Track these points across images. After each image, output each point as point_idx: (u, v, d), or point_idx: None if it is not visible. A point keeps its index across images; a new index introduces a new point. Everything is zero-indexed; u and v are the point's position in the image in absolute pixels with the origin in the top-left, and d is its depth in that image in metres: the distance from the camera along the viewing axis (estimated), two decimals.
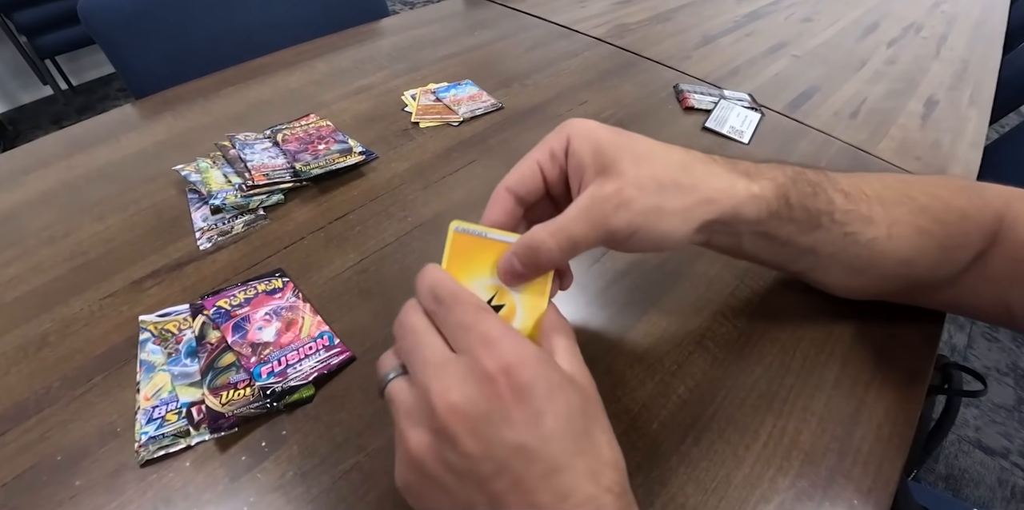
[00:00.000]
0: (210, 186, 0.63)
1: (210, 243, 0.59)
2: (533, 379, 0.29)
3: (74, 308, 0.54)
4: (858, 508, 0.41)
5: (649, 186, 0.36)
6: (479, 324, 0.30)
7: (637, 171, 0.36)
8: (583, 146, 0.37)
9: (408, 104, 0.83)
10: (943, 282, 0.47)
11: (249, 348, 0.46)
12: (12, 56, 2.45)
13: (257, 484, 0.41)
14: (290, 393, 0.44)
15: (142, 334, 0.50)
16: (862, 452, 0.44)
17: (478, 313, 0.31)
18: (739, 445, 0.44)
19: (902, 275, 0.46)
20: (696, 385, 0.48)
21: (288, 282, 0.54)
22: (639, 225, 0.36)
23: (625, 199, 0.35)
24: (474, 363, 0.29)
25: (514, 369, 0.28)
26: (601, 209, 0.35)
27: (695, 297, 0.56)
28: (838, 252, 0.44)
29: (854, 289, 0.49)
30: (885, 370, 0.50)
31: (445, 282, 0.33)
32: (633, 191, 0.35)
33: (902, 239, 0.43)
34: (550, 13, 1.15)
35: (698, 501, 0.41)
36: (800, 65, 1.04)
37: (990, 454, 1.49)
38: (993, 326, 1.82)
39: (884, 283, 0.47)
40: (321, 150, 0.68)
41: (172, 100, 0.85)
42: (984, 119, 0.93)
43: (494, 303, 0.36)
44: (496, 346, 0.29)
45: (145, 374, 0.47)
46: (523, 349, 0.30)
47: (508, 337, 0.30)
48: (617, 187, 0.35)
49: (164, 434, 0.43)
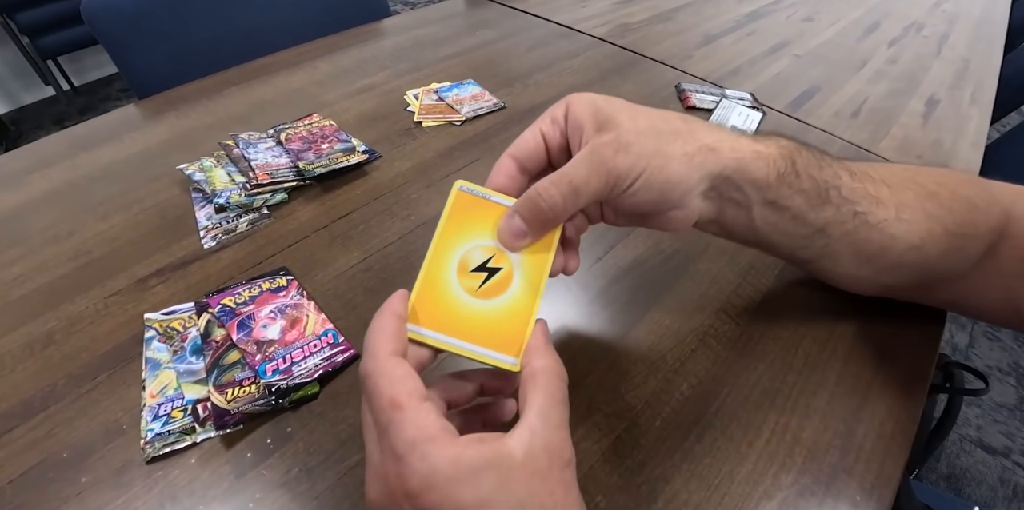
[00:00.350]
0: (214, 185, 0.63)
1: (214, 242, 0.59)
2: (440, 503, 0.26)
3: (79, 306, 0.54)
4: (861, 505, 0.41)
5: (647, 133, 0.36)
6: (387, 432, 0.28)
7: (635, 122, 0.36)
8: (581, 107, 0.37)
9: (411, 103, 0.83)
10: (952, 276, 0.46)
11: (254, 345, 0.46)
12: (14, 56, 2.45)
13: (262, 481, 0.41)
14: (295, 390, 0.44)
15: (147, 332, 0.50)
16: (865, 449, 0.44)
17: (391, 413, 0.28)
18: (742, 442, 0.44)
19: (912, 263, 0.44)
20: (699, 382, 0.48)
21: (292, 280, 0.54)
22: (641, 169, 0.35)
23: (623, 143, 0.35)
24: (385, 476, 0.28)
25: (416, 495, 0.26)
26: (600, 154, 0.35)
27: (698, 295, 0.56)
28: (849, 233, 0.42)
29: (863, 279, 0.48)
30: (887, 368, 0.50)
31: (369, 374, 0.29)
32: (631, 136, 0.35)
33: (911, 223, 0.42)
34: (551, 13, 1.15)
35: (701, 497, 0.41)
36: (801, 65, 1.04)
37: (991, 453, 1.49)
38: (994, 326, 1.82)
39: (894, 273, 0.46)
40: (324, 149, 0.69)
41: (175, 100, 0.85)
42: (985, 118, 0.93)
43: (490, 265, 0.35)
44: (402, 464, 0.27)
45: (150, 371, 0.47)
46: (430, 466, 0.26)
47: (414, 453, 0.26)
48: (615, 134, 0.35)
49: (170, 431, 0.43)
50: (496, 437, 0.28)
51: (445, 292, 0.35)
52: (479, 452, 0.27)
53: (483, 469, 0.26)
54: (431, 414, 0.28)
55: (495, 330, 0.34)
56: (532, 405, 0.29)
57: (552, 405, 0.30)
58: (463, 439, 0.27)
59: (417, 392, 0.28)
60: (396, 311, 0.32)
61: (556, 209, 0.34)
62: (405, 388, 0.28)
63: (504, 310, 0.35)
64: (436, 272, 0.35)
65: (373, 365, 0.29)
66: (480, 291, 0.35)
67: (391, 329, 0.31)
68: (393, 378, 0.29)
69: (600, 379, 0.48)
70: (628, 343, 0.51)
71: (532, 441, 0.27)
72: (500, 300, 0.35)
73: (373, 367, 0.29)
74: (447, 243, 0.35)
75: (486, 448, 0.27)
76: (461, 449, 0.26)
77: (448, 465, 0.26)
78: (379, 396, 0.28)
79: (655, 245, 0.60)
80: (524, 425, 0.28)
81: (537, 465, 0.27)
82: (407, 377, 0.29)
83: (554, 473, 0.28)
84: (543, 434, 0.28)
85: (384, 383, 0.28)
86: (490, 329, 0.34)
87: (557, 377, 0.32)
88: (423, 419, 0.27)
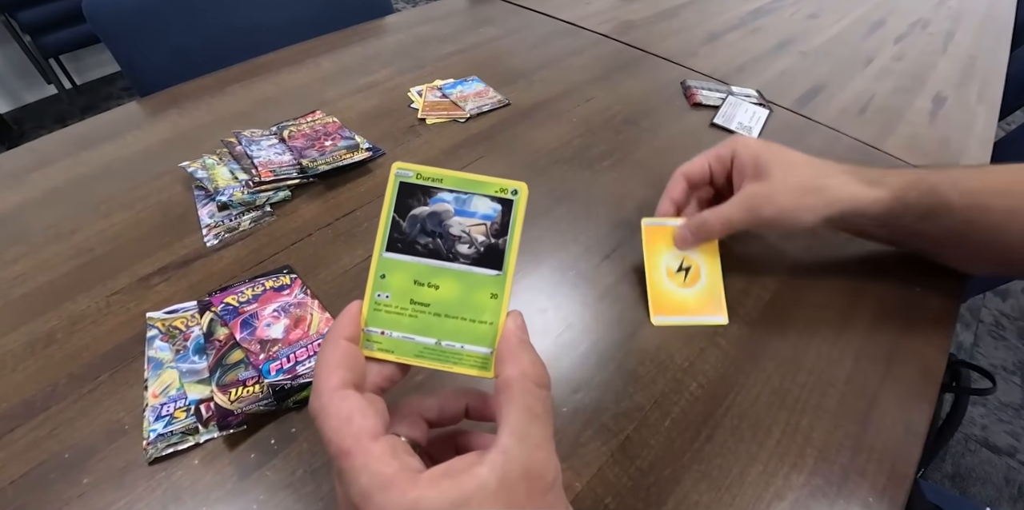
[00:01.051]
0: (217, 183, 0.62)
1: (217, 240, 0.59)
2: None
3: (81, 305, 0.53)
4: (873, 506, 0.41)
5: (793, 189, 0.51)
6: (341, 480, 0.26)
7: (784, 177, 0.51)
8: (746, 154, 0.53)
9: (414, 101, 0.83)
10: None
11: (258, 345, 0.46)
12: (16, 55, 2.45)
13: (267, 482, 0.41)
14: (299, 390, 0.44)
15: (149, 331, 0.49)
16: (876, 450, 0.44)
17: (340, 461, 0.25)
18: (752, 442, 0.44)
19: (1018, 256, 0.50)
20: (708, 382, 0.48)
21: (296, 279, 0.53)
22: (780, 217, 0.51)
23: (772, 197, 0.51)
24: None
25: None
26: (754, 203, 0.51)
27: None
28: (953, 238, 0.52)
29: (974, 266, 0.57)
30: (897, 368, 0.50)
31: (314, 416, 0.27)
32: (780, 192, 0.51)
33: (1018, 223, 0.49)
34: (554, 10, 1.15)
35: (712, 498, 0.40)
36: (807, 62, 1.03)
37: (997, 453, 1.48)
38: (1000, 325, 1.82)
39: (1008, 257, 0.51)
40: (328, 147, 0.68)
41: (177, 97, 0.85)
42: (993, 115, 0.92)
43: (684, 265, 0.55)
44: (365, 507, 0.24)
45: (153, 371, 0.46)
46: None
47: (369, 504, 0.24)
48: (768, 189, 0.51)
49: (173, 431, 0.42)
50: (466, 467, 0.25)
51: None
52: (443, 493, 0.24)
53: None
54: (384, 455, 0.25)
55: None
56: (506, 422, 0.26)
57: (529, 420, 0.26)
58: (426, 477, 0.25)
59: (367, 431, 0.25)
60: (343, 332, 0.29)
61: (713, 230, 0.53)
62: (351, 430, 0.25)
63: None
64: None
65: (317, 406, 0.27)
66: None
67: (336, 358, 0.28)
68: (339, 419, 0.26)
69: (608, 379, 0.48)
70: (636, 342, 0.51)
71: (507, 467, 0.25)
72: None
73: (317, 408, 0.27)
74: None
75: (452, 485, 0.24)
76: (422, 492, 0.24)
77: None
78: (327, 442, 0.26)
79: None
80: (497, 448, 0.25)
81: (514, 495, 0.24)
82: (354, 415, 0.26)
83: (534, 500, 0.25)
84: (519, 457, 0.25)
85: (328, 427, 0.26)
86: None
87: (534, 385, 0.28)
88: (374, 464, 0.24)
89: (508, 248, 0.31)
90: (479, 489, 0.24)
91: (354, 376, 0.28)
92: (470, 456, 0.26)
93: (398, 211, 0.31)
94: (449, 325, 0.31)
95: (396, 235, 0.31)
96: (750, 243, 0.60)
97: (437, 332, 0.31)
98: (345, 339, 0.29)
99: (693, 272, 0.54)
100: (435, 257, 0.31)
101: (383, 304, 0.31)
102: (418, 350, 0.31)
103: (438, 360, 0.31)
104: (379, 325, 0.31)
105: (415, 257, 0.31)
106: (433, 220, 0.31)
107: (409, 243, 0.31)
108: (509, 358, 0.29)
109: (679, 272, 0.54)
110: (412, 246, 0.31)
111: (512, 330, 0.30)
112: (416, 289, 0.31)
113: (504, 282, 0.31)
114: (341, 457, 0.25)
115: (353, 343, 0.29)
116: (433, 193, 0.31)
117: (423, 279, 0.31)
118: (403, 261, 0.31)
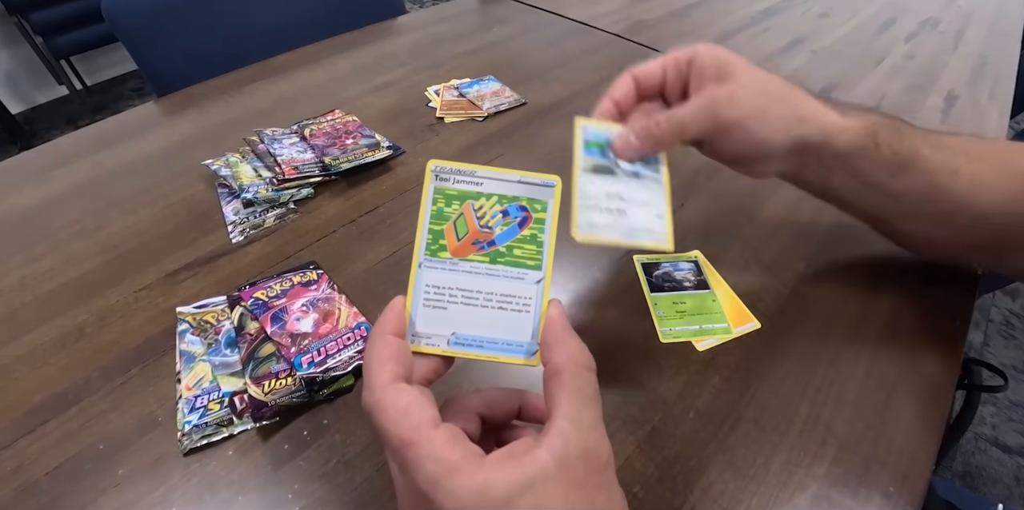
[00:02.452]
0: (241, 180, 0.63)
1: (242, 236, 0.60)
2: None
3: (109, 300, 0.54)
4: (893, 496, 0.41)
5: (758, 93, 0.43)
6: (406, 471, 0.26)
7: (750, 81, 0.43)
8: (708, 57, 0.44)
9: (432, 100, 0.84)
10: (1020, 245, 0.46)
11: (288, 338, 0.47)
12: (28, 56, 2.47)
13: (300, 472, 0.41)
14: (331, 382, 0.45)
15: (180, 325, 0.50)
16: (896, 440, 0.44)
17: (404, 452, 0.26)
18: (775, 433, 0.44)
19: (986, 225, 0.46)
20: (731, 375, 0.48)
21: (323, 274, 0.54)
22: (742, 123, 0.43)
23: (736, 98, 0.43)
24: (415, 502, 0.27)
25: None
26: (714, 102, 0.43)
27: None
28: (923, 202, 0.46)
29: (939, 240, 0.50)
30: (915, 361, 0.50)
31: (371, 410, 0.27)
32: (745, 93, 0.43)
33: (987, 188, 0.44)
34: (565, 9, 1.16)
35: (737, 487, 0.41)
36: (818, 61, 1.03)
37: (1007, 452, 1.48)
38: (1010, 324, 1.82)
39: (970, 233, 0.47)
40: (349, 145, 0.69)
41: (196, 97, 0.86)
42: (1005, 113, 0.92)
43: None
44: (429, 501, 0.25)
45: (185, 364, 0.47)
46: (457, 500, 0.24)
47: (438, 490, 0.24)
48: (731, 89, 0.43)
49: (207, 423, 0.43)
50: (525, 450, 0.26)
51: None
52: (509, 475, 0.24)
53: (516, 494, 0.24)
54: (447, 442, 0.25)
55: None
56: (560, 407, 0.27)
57: (582, 403, 0.27)
58: (490, 460, 0.25)
59: (426, 421, 0.26)
60: (389, 328, 0.30)
61: (664, 137, 0.42)
62: (411, 422, 0.26)
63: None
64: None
65: (372, 400, 0.27)
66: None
67: (387, 353, 0.29)
68: (396, 411, 0.26)
69: (633, 372, 0.48)
70: (659, 336, 0.51)
71: (565, 449, 0.25)
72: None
73: (372, 402, 0.27)
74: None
75: (516, 468, 0.25)
76: (488, 475, 0.24)
77: (477, 497, 0.24)
78: (387, 435, 0.26)
79: (682, 238, 0.60)
80: (555, 432, 0.26)
81: (573, 475, 0.25)
82: (412, 407, 0.26)
83: (592, 478, 0.26)
84: (576, 440, 0.26)
85: (388, 419, 0.26)
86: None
87: (585, 369, 0.28)
88: (439, 451, 0.25)
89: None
90: (541, 471, 0.24)
91: (404, 370, 0.28)
92: (526, 440, 0.27)
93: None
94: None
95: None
96: (768, 241, 0.61)
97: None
98: (392, 334, 0.29)
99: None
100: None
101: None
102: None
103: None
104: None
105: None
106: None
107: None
108: (556, 345, 0.29)
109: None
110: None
111: (556, 318, 0.31)
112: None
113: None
114: (404, 448, 0.25)
115: (400, 338, 0.30)
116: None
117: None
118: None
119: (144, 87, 2.89)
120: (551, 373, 0.28)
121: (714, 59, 0.44)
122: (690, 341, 0.50)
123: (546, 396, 0.28)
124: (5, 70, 2.58)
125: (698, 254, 0.58)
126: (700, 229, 0.62)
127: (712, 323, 0.52)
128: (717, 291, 0.55)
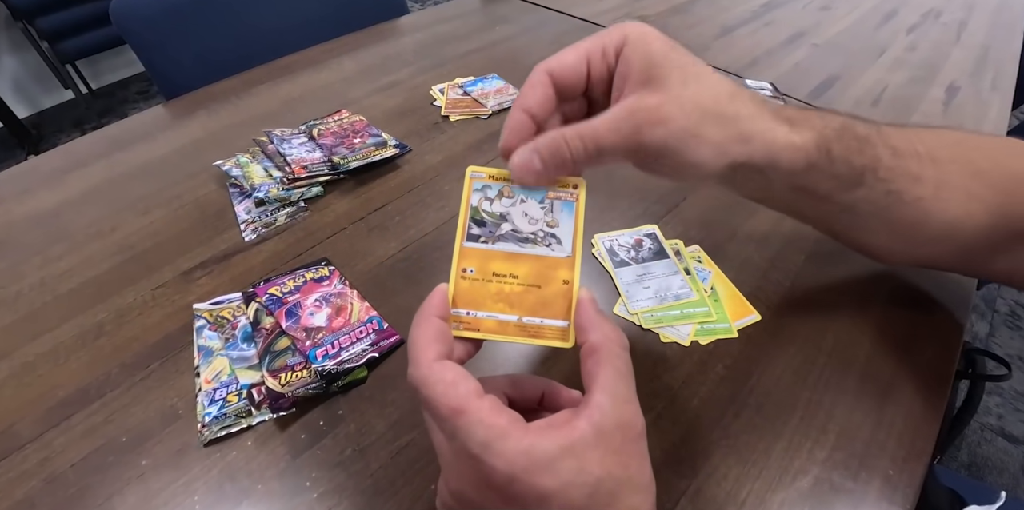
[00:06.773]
0: (252, 180, 0.65)
1: (255, 235, 0.61)
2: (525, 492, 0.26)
3: (127, 298, 0.56)
4: (893, 479, 0.42)
5: (692, 109, 0.34)
6: (456, 437, 0.28)
7: (683, 91, 0.34)
8: (636, 52, 0.34)
9: (436, 98, 0.85)
10: (996, 250, 0.44)
11: (303, 332, 0.48)
12: (35, 61, 2.50)
13: (318, 460, 0.43)
14: (345, 374, 0.46)
15: (197, 321, 0.52)
16: (896, 426, 0.45)
17: (455, 420, 0.27)
18: (777, 419, 0.45)
19: (949, 239, 0.43)
20: (733, 363, 0.49)
21: (334, 270, 0.55)
22: (671, 147, 0.34)
23: (664, 116, 0.33)
24: (465, 473, 0.29)
25: (501, 488, 0.27)
26: (636, 120, 0.33)
27: (727, 280, 0.57)
28: (879, 212, 0.41)
29: (899, 252, 0.47)
30: (915, 348, 0.51)
31: (420, 384, 0.29)
32: (675, 110, 0.33)
33: (949, 201, 0.41)
34: (568, 7, 1.16)
35: (740, 471, 0.42)
36: (820, 54, 1.04)
37: (1013, 442, 1.49)
38: (1016, 315, 1.82)
39: (932, 247, 0.44)
40: (357, 144, 0.70)
41: (204, 99, 0.87)
42: (1006, 105, 0.93)
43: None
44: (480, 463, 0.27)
45: (204, 358, 0.49)
46: (507, 462, 0.26)
47: (489, 452, 0.26)
48: (659, 102, 0.33)
49: (226, 414, 0.45)
50: (566, 420, 0.28)
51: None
52: (552, 440, 0.27)
53: (559, 456, 0.26)
54: (494, 409, 0.28)
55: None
56: (597, 382, 0.29)
57: (617, 379, 0.29)
58: (533, 427, 0.27)
59: (474, 391, 0.28)
60: (435, 311, 0.32)
61: (575, 160, 0.33)
62: (459, 392, 0.28)
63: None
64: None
65: (420, 375, 0.29)
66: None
67: (432, 333, 0.30)
68: (445, 384, 0.28)
69: (637, 361, 0.49)
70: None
71: (602, 421, 0.27)
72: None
73: (421, 377, 0.29)
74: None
75: (558, 435, 0.27)
76: (534, 439, 0.27)
77: (525, 458, 0.26)
78: (437, 406, 0.28)
79: (684, 232, 0.61)
80: (593, 404, 0.28)
81: (611, 443, 0.27)
82: (459, 379, 0.28)
83: (627, 446, 0.28)
84: (612, 413, 0.28)
85: (438, 392, 0.28)
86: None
87: (619, 346, 0.31)
88: (487, 417, 0.27)
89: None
90: (581, 438, 0.27)
91: (447, 350, 0.30)
92: (565, 413, 0.29)
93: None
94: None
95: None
96: (769, 235, 0.62)
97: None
98: (437, 317, 0.31)
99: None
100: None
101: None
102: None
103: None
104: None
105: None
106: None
107: (486, 235, 0.35)
108: (590, 326, 0.31)
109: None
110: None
111: (587, 301, 0.33)
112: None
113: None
114: (455, 416, 0.27)
115: (444, 321, 0.32)
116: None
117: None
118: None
119: (149, 89, 2.91)
120: (588, 351, 0.30)
121: (643, 56, 0.34)
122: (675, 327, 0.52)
123: (583, 373, 0.30)
124: (12, 75, 2.60)
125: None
126: (701, 223, 0.63)
127: (713, 323, 0.53)
128: (718, 286, 0.56)
